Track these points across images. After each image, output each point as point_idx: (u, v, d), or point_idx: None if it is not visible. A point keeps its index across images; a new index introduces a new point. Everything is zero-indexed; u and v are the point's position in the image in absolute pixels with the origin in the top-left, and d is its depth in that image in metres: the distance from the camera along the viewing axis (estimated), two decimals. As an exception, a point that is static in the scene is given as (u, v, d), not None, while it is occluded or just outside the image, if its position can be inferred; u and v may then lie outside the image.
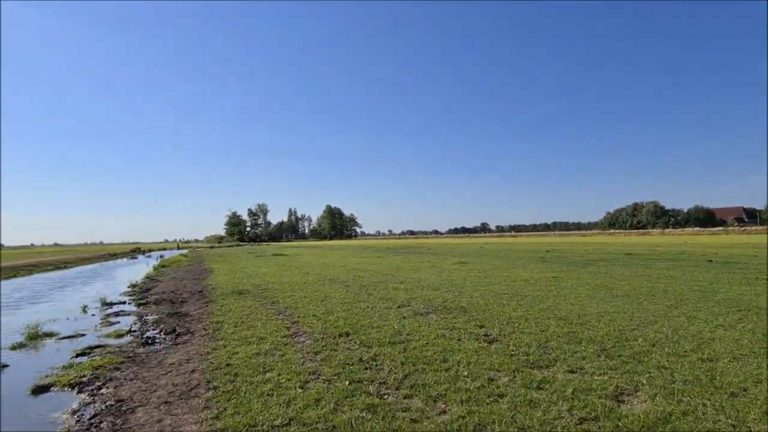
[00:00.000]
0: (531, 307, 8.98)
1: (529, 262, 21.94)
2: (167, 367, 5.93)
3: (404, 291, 12.13)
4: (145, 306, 12.19)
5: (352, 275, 17.27)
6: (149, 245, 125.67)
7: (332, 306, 10.03)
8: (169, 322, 9.32)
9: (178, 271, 25.11)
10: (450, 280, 14.66)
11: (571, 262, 20.69)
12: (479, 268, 18.68)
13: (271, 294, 12.67)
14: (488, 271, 17.27)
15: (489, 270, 17.89)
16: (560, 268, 17.74)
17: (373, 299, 10.85)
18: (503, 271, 17.12)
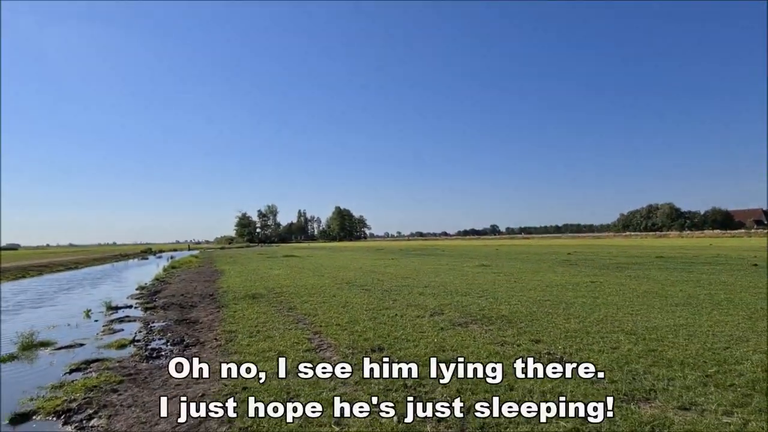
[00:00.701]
0: (585, 318, 7.88)
1: (554, 265, 20.73)
2: (173, 389, 4.97)
3: (432, 297, 11.08)
4: (152, 311, 11.31)
5: (371, 278, 16.27)
6: (160, 246, 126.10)
7: (356, 313, 9.03)
8: (177, 331, 8.40)
9: (189, 272, 24.34)
10: (478, 284, 13.58)
11: (602, 266, 19.45)
12: (504, 272, 17.56)
13: (287, 298, 11.71)
14: (515, 275, 16.14)
15: (515, 273, 16.77)
16: (592, 272, 16.55)
17: (400, 306, 9.82)
18: (532, 275, 15.98)
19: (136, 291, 16.31)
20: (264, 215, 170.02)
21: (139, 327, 9.08)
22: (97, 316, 10.93)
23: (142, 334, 8.20)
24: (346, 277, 17.04)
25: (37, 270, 29.69)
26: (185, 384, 5.10)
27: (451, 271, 18.70)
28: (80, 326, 9.56)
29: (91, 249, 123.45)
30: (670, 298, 10.03)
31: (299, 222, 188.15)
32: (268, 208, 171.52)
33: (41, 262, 36.85)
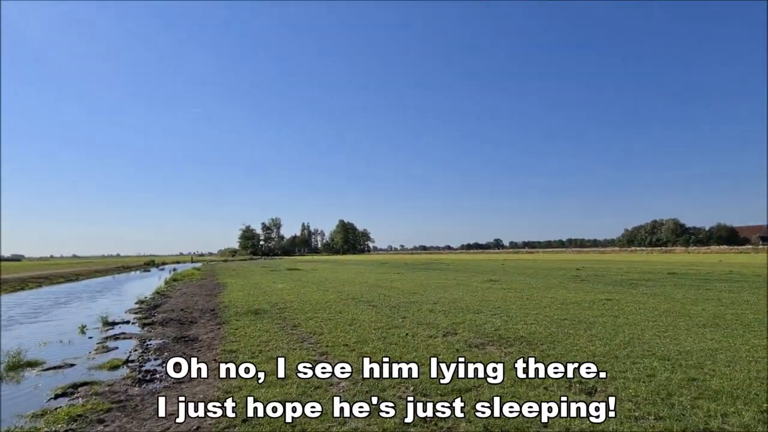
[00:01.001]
0: (609, 340, 7.35)
1: (564, 281, 20.16)
2: (164, 422, 4.49)
3: (443, 314, 10.57)
4: (150, 327, 10.84)
5: (377, 293, 15.75)
6: (163, 258, 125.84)
7: (364, 332, 8.53)
8: (175, 350, 7.91)
9: (190, 285, 23.87)
10: (488, 301, 13.05)
11: (614, 282, 18.86)
12: (514, 288, 17.01)
13: (291, 315, 11.22)
14: (526, 291, 15.60)
15: (526, 290, 16.21)
16: (606, 289, 15.98)
17: (410, 324, 9.32)
18: (543, 291, 15.43)
19: (134, 305, 15.85)
20: (268, 228, 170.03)
21: (135, 345, 8.59)
22: (92, 332, 10.47)
23: (137, 354, 7.72)
24: (352, 292, 16.53)
25: (36, 282, 29.29)
26: (178, 414, 4.61)
27: (458, 286, 18.16)
28: (73, 343, 9.09)
29: (94, 260, 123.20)
30: (695, 317, 9.48)
31: (303, 235, 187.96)
32: (272, 221, 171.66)
33: (42, 273, 36.47)
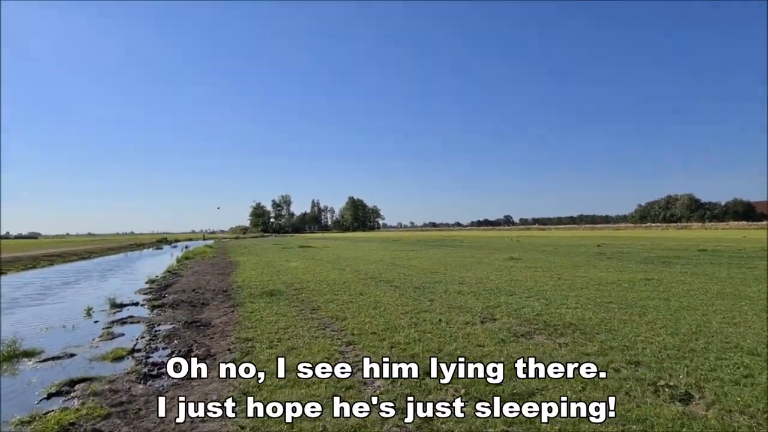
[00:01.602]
0: (676, 329, 6.46)
1: (590, 258, 19.18)
2: (171, 430, 3.74)
3: (473, 296, 9.74)
4: (160, 309, 10.19)
5: (396, 273, 14.98)
6: (176, 235, 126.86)
7: (391, 317, 7.74)
8: (185, 337, 7.21)
9: (202, 264, 23.37)
10: (518, 281, 12.18)
11: (643, 260, 17.84)
12: (540, 266, 16.10)
13: (309, 296, 10.49)
14: (554, 270, 14.69)
15: (553, 268, 15.31)
16: (639, 267, 15.00)
17: (441, 308, 8.50)
18: (572, 270, 14.52)
19: (145, 285, 15.29)
20: (278, 205, 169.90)
21: (143, 331, 7.92)
22: (98, 315, 9.85)
23: (144, 341, 7.03)
24: (369, 271, 15.78)
25: (48, 260, 29.10)
26: (190, 425, 3.86)
27: (480, 264, 17.30)
28: (77, 328, 8.45)
29: (109, 238, 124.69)
30: (756, 301, 8.53)
31: (313, 212, 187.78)
32: (282, 198, 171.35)
33: (55, 251, 36.42)
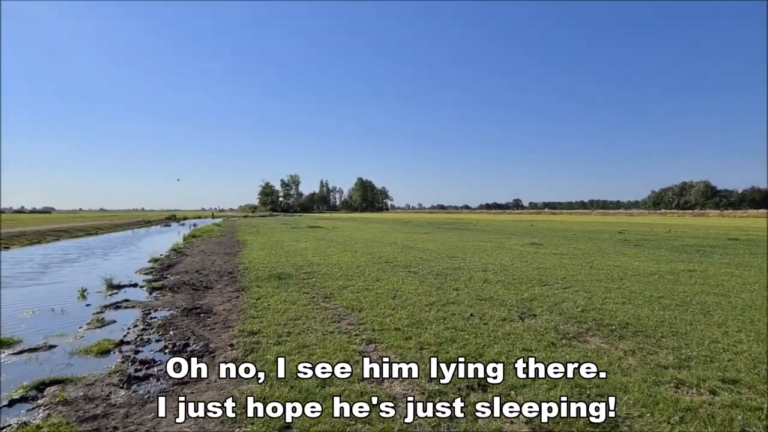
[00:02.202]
0: (755, 333, 5.45)
1: (616, 245, 18.07)
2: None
3: (502, 286, 8.78)
4: (159, 292, 9.39)
5: (412, 257, 14.05)
6: (185, 213, 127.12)
7: (414, 309, 6.83)
8: (182, 327, 6.37)
9: (209, 242, 22.65)
10: (546, 269, 11.19)
11: (675, 248, 16.70)
12: (565, 253, 15.06)
13: (320, 281, 9.62)
14: (581, 257, 13.67)
15: (580, 255, 14.28)
16: (673, 257, 13.90)
17: (469, 299, 7.56)
18: (601, 258, 13.48)
19: (148, 264, 14.55)
20: (287, 185, 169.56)
21: (136, 318, 7.09)
22: (93, 297, 9.07)
23: (136, 332, 6.19)
24: (383, 254, 14.87)
25: (55, 235, 28.64)
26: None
27: (500, 250, 16.30)
28: (66, 313, 7.65)
29: (119, 214, 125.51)
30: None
31: (321, 192, 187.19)
32: (291, 178, 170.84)
33: (63, 226, 36.06)
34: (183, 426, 3.34)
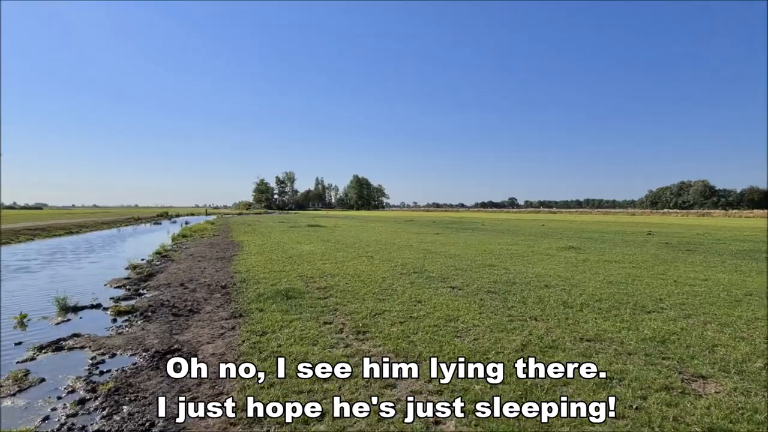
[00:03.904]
0: None
1: (666, 250, 15.83)
2: None
3: (593, 313, 6.45)
4: (127, 318, 6.98)
5: (441, 264, 11.71)
6: (178, 210, 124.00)
7: (502, 359, 4.47)
8: (145, 398, 3.97)
9: (200, 244, 20.16)
10: (621, 284, 8.91)
11: (736, 254, 14.46)
12: (617, 260, 12.79)
13: (341, 301, 7.27)
14: (645, 266, 11.42)
15: (640, 263, 12.04)
16: (750, 265, 11.67)
17: (565, 337, 5.22)
18: (670, 268, 11.23)
19: (124, 272, 12.09)
20: (282, 182, 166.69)
21: (79, 374, 4.68)
22: (35, 327, 6.63)
23: (67, 409, 3.78)
24: (406, 261, 12.50)
25: (30, 234, 25.98)
26: None
27: (537, 255, 13.98)
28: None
29: (112, 211, 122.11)
30: None
31: (317, 189, 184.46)
32: (286, 175, 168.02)
33: (42, 224, 33.34)
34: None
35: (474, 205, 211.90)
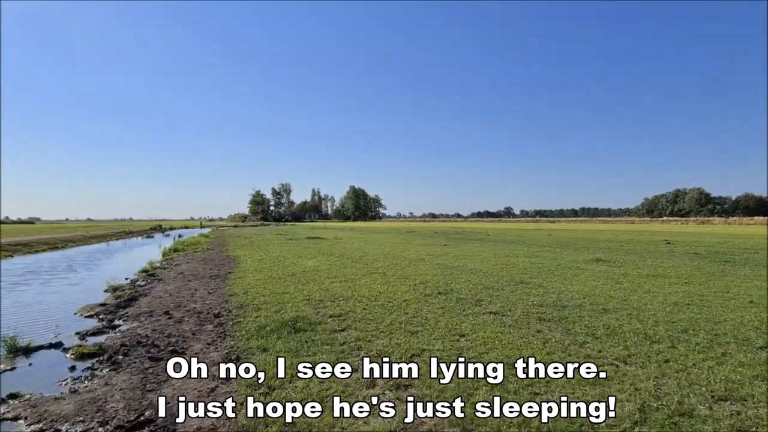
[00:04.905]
0: None
1: (702, 262, 14.46)
2: None
3: (689, 351, 5.00)
4: (91, 364, 5.45)
5: (466, 282, 10.26)
6: (173, 223, 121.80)
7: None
8: None
9: (192, 259, 18.57)
10: (684, 306, 7.51)
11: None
12: (656, 274, 11.40)
13: (364, 336, 5.80)
14: (694, 282, 10.05)
15: (686, 278, 10.68)
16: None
17: (693, 398, 3.76)
18: (722, 283, 9.83)
19: (102, 295, 10.52)
20: (278, 193, 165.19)
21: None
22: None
23: None
24: (425, 278, 11.02)
25: (9, 251, 24.25)
26: None
27: (568, 270, 12.54)
28: None
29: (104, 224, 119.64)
30: None
31: (313, 201, 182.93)
32: (282, 186, 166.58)
33: (26, 239, 31.56)
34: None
35: (470, 214, 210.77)
